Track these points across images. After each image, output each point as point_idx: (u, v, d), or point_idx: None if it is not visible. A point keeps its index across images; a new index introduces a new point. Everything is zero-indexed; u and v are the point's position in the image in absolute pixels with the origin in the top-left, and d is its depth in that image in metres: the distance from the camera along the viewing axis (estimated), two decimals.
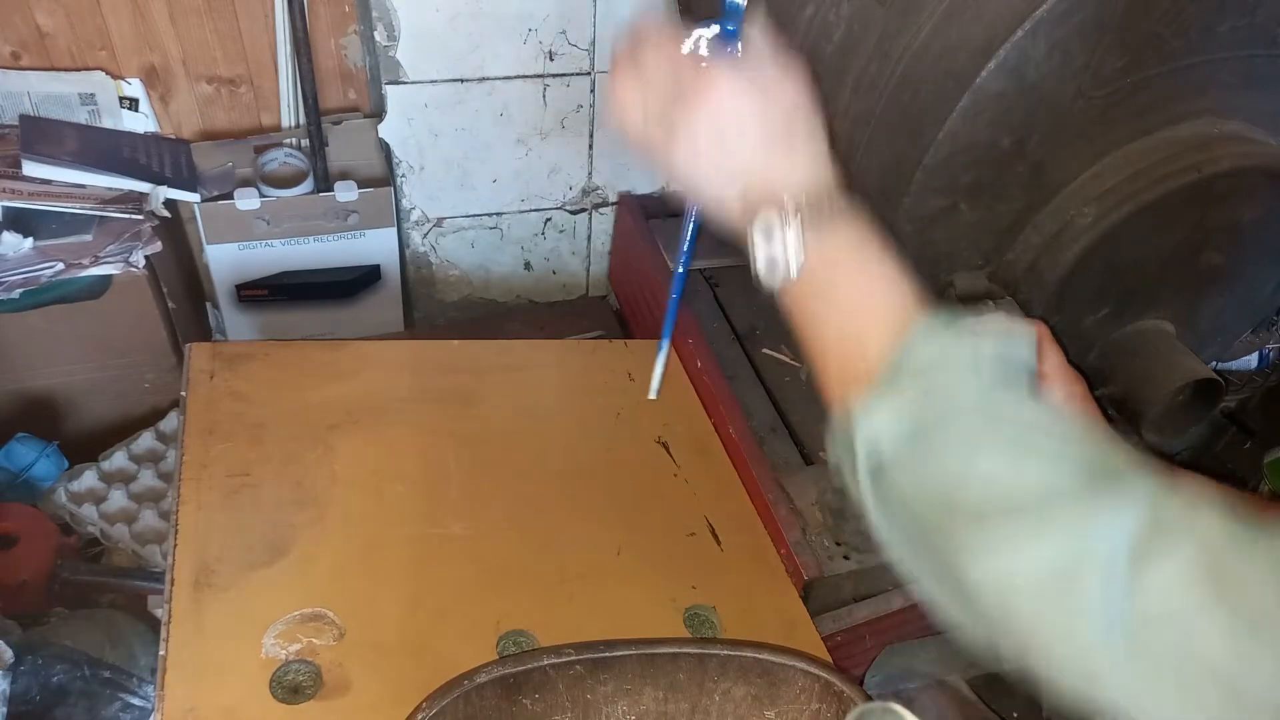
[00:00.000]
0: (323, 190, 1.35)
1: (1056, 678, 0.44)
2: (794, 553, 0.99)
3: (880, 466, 0.49)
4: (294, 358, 1.09)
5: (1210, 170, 0.81)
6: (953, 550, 0.46)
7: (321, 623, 0.84)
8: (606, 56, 1.35)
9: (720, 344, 1.24)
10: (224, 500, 0.92)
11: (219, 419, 0.99)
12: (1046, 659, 0.44)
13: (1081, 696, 0.43)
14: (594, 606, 0.92)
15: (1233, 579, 0.39)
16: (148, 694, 1.03)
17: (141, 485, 1.26)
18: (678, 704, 0.84)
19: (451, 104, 1.33)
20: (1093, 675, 0.42)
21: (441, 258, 1.51)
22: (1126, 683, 0.41)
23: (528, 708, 0.80)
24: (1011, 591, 0.44)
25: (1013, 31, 0.72)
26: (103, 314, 1.22)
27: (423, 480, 1.00)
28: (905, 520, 0.49)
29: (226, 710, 0.77)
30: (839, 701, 0.82)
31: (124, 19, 1.27)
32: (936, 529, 0.47)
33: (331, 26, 1.35)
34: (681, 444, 1.13)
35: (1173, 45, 0.77)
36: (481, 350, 1.19)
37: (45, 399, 1.28)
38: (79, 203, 1.22)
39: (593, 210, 1.54)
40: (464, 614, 0.88)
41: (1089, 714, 0.44)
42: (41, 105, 1.28)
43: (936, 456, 0.47)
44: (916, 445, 0.48)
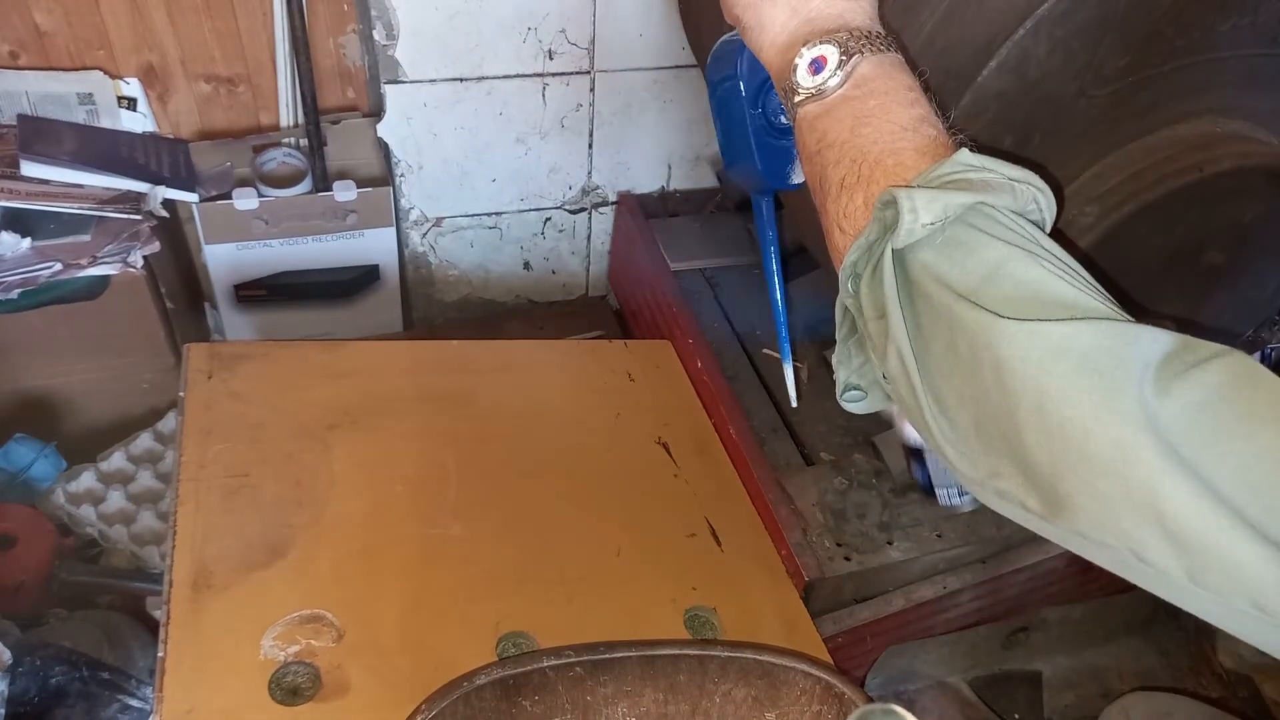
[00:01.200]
0: (321, 190, 1.35)
1: (1078, 461, 0.43)
2: (795, 554, 0.99)
3: (911, 246, 0.49)
4: (292, 358, 1.09)
5: (1212, 170, 0.81)
6: (979, 329, 0.45)
7: (320, 624, 0.84)
8: (606, 55, 1.35)
9: (720, 344, 1.24)
10: (222, 501, 0.92)
11: (217, 419, 0.99)
12: (1078, 437, 0.43)
13: (1107, 470, 0.42)
14: (594, 607, 0.92)
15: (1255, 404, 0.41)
16: (146, 695, 1.03)
17: (140, 486, 1.26)
18: (678, 705, 0.83)
19: (451, 103, 1.33)
20: (1127, 455, 0.41)
21: (440, 257, 1.51)
22: (1162, 466, 0.40)
23: (527, 709, 0.79)
24: (1051, 360, 0.43)
25: (1014, 30, 0.72)
26: (101, 314, 1.22)
27: (422, 481, 0.99)
28: (924, 309, 0.49)
29: (225, 712, 0.76)
30: (840, 703, 0.82)
31: (122, 18, 1.26)
32: (960, 314, 0.47)
33: (330, 25, 1.35)
34: (681, 444, 1.13)
35: (1175, 44, 0.77)
36: (480, 350, 1.19)
37: (43, 399, 1.28)
38: (77, 203, 1.22)
39: (592, 210, 1.53)
40: (463, 615, 0.88)
41: (1104, 502, 0.43)
42: (39, 105, 1.28)
43: (972, 247, 0.48)
44: (954, 231, 0.48)
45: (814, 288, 1.19)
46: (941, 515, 1.05)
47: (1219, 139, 0.83)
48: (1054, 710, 1.17)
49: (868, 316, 0.52)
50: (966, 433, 0.48)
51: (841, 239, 0.54)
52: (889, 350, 0.50)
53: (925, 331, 0.49)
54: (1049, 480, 0.44)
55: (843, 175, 0.54)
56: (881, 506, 1.04)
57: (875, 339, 0.52)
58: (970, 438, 0.48)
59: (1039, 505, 0.45)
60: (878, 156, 0.53)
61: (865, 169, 0.53)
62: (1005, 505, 0.48)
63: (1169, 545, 0.41)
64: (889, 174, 0.52)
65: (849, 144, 0.54)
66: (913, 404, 0.50)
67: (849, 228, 0.53)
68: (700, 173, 1.53)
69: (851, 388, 0.59)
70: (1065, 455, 0.43)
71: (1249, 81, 0.82)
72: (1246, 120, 0.85)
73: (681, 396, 1.21)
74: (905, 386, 0.50)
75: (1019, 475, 0.46)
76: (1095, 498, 0.43)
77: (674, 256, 1.36)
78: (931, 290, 0.49)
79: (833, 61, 0.56)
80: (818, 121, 0.57)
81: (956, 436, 0.49)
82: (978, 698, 1.13)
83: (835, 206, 0.54)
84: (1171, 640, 1.25)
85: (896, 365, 0.50)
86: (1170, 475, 0.40)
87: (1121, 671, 1.22)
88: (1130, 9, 0.73)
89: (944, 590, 1.03)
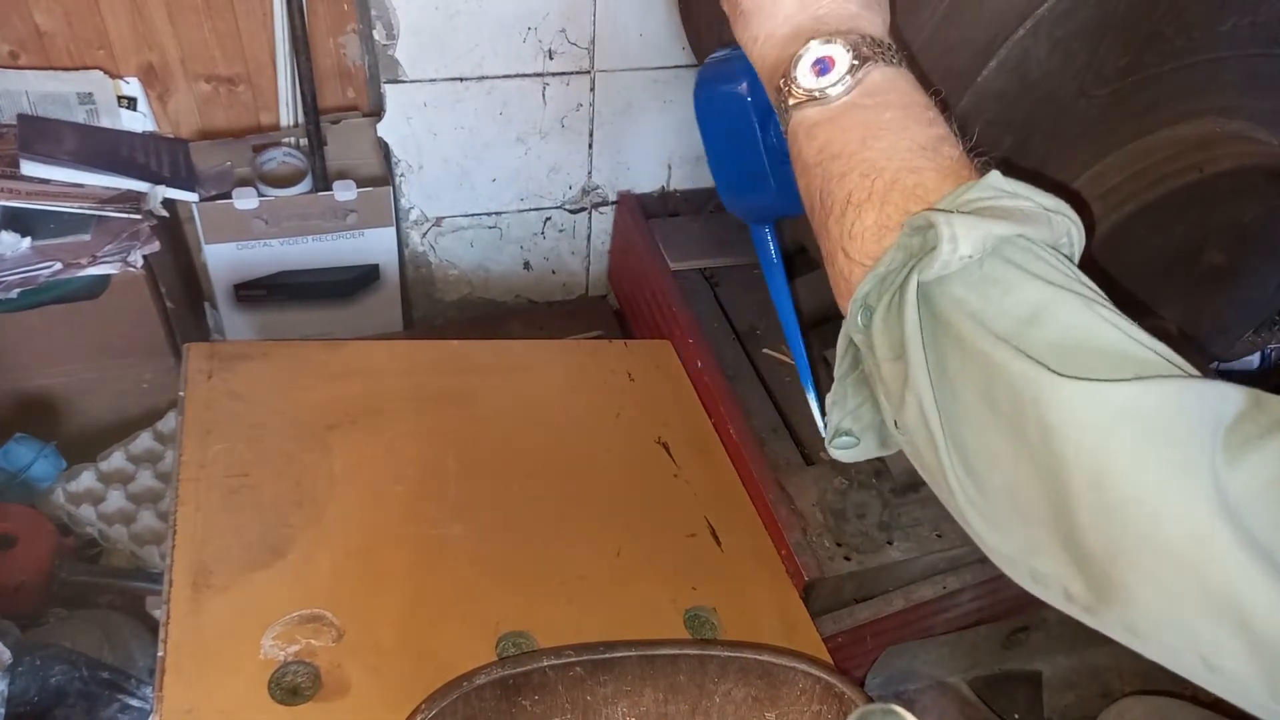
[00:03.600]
0: (321, 189, 1.35)
1: (1141, 547, 0.37)
2: (794, 553, 0.99)
3: (940, 279, 0.43)
4: (292, 358, 1.09)
5: (1212, 169, 0.81)
6: (1024, 382, 0.40)
7: (320, 624, 0.84)
8: (606, 55, 1.35)
9: (720, 344, 1.23)
10: (222, 501, 0.92)
11: (217, 419, 0.99)
12: (1143, 520, 0.37)
13: (1179, 561, 0.37)
14: (594, 607, 0.92)
15: None
16: (146, 695, 1.03)
17: (140, 486, 1.26)
18: (678, 705, 0.83)
19: (451, 103, 1.33)
20: (1203, 545, 0.36)
21: (440, 257, 1.51)
22: (1243, 560, 0.35)
23: (527, 709, 0.79)
24: (1113, 428, 0.38)
25: (1014, 30, 0.72)
26: (101, 314, 1.22)
27: (422, 481, 0.99)
28: (953, 352, 0.43)
29: (225, 712, 0.76)
30: (840, 703, 0.82)
31: (122, 18, 1.26)
32: (1002, 360, 0.41)
33: (330, 25, 1.35)
34: (681, 444, 1.13)
35: (1175, 44, 0.77)
36: (480, 350, 1.19)
37: (43, 399, 1.28)
38: (77, 202, 1.22)
39: (592, 209, 1.53)
40: (463, 615, 0.88)
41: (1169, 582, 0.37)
42: (39, 104, 1.28)
43: (1010, 284, 0.42)
44: (991, 267, 0.43)
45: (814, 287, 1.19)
46: (942, 515, 1.05)
47: (1219, 139, 0.83)
48: (1054, 710, 1.17)
49: (880, 357, 0.46)
50: (998, 500, 0.42)
51: (848, 265, 0.48)
52: (907, 398, 0.44)
53: (953, 378, 0.43)
54: (1101, 565, 0.39)
55: (850, 190, 0.48)
56: (881, 506, 1.04)
57: (889, 383, 0.46)
58: (1003, 506, 0.42)
59: (1085, 592, 0.40)
60: (894, 174, 0.47)
61: (880, 186, 0.47)
62: (1042, 589, 0.43)
63: (1250, 652, 0.35)
64: (907, 195, 0.46)
65: (858, 156, 0.48)
66: (932, 461, 0.44)
67: (856, 252, 0.47)
68: (700, 173, 1.53)
69: (843, 433, 0.54)
70: (1124, 539, 0.38)
71: (1249, 81, 0.82)
72: (1247, 120, 0.85)
73: (681, 396, 1.21)
74: (925, 440, 0.44)
75: (1062, 554, 0.40)
76: (1160, 591, 0.37)
77: (674, 256, 1.36)
78: (965, 330, 0.42)
79: (842, 65, 0.50)
80: (818, 129, 0.51)
81: (985, 503, 0.43)
82: (978, 698, 1.13)
83: (840, 226, 0.48)
84: None
85: (915, 416, 0.44)
86: (1255, 571, 0.35)
87: (1121, 671, 1.22)
88: (1130, 9, 0.73)
89: (944, 590, 1.03)
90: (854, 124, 0.50)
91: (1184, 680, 0.40)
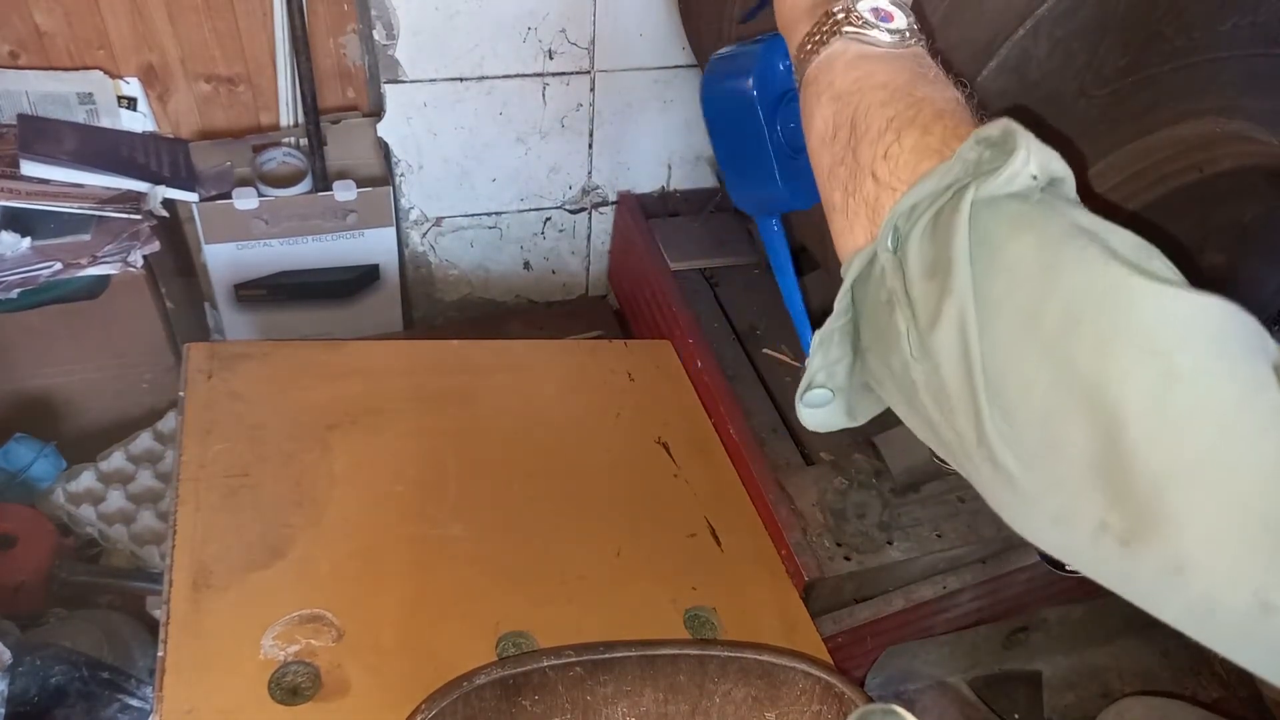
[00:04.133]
0: (321, 190, 1.35)
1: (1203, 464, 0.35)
2: (794, 553, 0.99)
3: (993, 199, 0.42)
4: (292, 358, 1.09)
5: (1212, 170, 0.81)
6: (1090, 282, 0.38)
7: (320, 624, 0.84)
8: (606, 55, 1.35)
9: (720, 344, 1.23)
10: (222, 501, 0.92)
11: (217, 419, 0.99)
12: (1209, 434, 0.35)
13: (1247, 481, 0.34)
14: (594, 607, 0.92)
15: None
16: (146, 695, 1.03)
17: (140, 486, 1.26)
18: (678, 705, 0.83)
19: (451, 103, 1.33)
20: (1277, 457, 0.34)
21: (440, 257, 1.51)
22: None
23: (527, 709, 0.79)
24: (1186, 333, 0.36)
25: (1014, 30, 0.72)
26: (101, 314, 1.22)
27: (422, 481, 0.99)
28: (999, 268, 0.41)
29: (225, 712, 0.76)
30: (840, 703, 0.82)
31: (122, 18, 1.26)
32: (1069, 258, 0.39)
33: (330, 25, 1.35)
34: (681, 444, 1.13)
35: (1175, 44, 0.77)
36: (480, 350, 1.19)
37: (43, 399, 1.28)
38: (77, 202, 1.22)
39: (592, 209, 1.53)
40: (463, 615, 0.88)
41: None
42: (39, 104, 1.28)
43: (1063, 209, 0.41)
44: (1049, 196, 0.42)
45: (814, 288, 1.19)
46: (942, 515, 1.05)
47: (1219, 139, 0.83)
48: (1054, 710, 1.17)
49: (912, 276, 0.43)
50: (1027, 429, 0.39)
51: (875, 189, 0.46)
52: (945, 311, 0.41)
53: (996, 301, 0.40)
54: (1147, 490, 0.35)
55: (892, 116, 0.47)
56: (881, 506, 1.04)
57: (920, 302, 0.43)
58: (1032, 436, 0.39)
59: (1122, 523, 0.36)
60: (941, 107, 0.47)
61: (926, 115, 0.46)
62: (1064, 529, 0.39)
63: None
64: (952, 129, 0.45)
65: (905, 90, 0.48)
66: (961, 386, 0.41)
67: (888, 175, 0.46)
68: (700, 173, 1.53)
69: (818, 386, 0.52)
70: (1182, 457, 0.35)
71: (1249, 81, 0.82)
72: (1246, 120, 0.84)
73: (681, 396, 1.21)
74: (955, 361, 0.41)
75: (1097, 482, 0.37)
76: (1219, 516, 0.34)
77: (674, 256, 1.36)
78: (1025, 243, 0.40)
79: (900, 23, 0.52)
80: (863, 61, 0.51)
81: (1012, 433, 0.40)
82: (978, 698, 1.13)
83: (874, 149, 0.47)
84: (1171, 640, 1.25)
85: (951, 332, 0.41)
86: None
87: (1121, 671, 1.22)
88: (1130, 9, 0.73)
89: (944, 590, 1.03)
90: (903, 66, 0.50)
91: (1184, 680, 0.39)
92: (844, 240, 0.50)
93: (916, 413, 0.46)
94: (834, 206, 0.50)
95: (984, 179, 0.41)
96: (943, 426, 0.43)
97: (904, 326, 0.44)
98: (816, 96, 0.53)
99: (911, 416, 0.47)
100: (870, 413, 0.54)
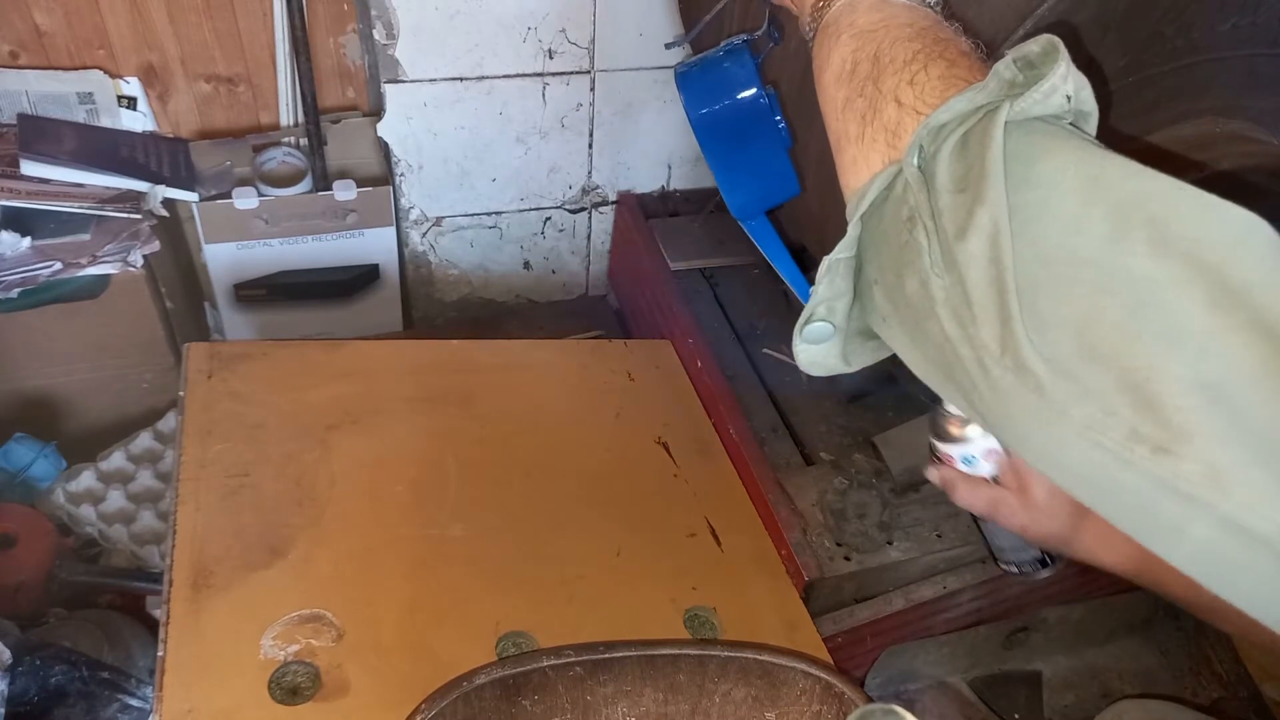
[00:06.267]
0: (321, 189, 1.35)
1: None
2: (795, 553, 0.99)
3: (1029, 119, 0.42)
4: (292, 358, 1.09)
5: (1212, 169, 0.81)
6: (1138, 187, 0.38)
7: (320, 624, 0.84)
8: (606, 55, 1.35)
9: (720, 344, 1.23)
10: (222, 501, 0.92)
11: (217, 419, 0.99)
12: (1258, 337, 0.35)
13: None
14: (594, 607, 0.92)
15: None
16: (146, 695, 1.03)
17: (140, 486, 1.26)
18: (678, 705, 0.83)
19: (451, 103, 1.33)
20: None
21: (440, 257, 1.51)
22: None
23: (527, 709, 0.79)
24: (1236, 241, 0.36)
25: (1014, 30, 0.72)
26: (101, 314, 1.22)
27: (422, 481, 0.99)
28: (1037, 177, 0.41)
29: (225, 711, 0.76)
30: (840, 703, 0.82)
31: (122, 18, 1.26)
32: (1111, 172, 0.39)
33: (330, 25, 1.35)
34: (681, 444, 1.13)
35: (1175, 44, 0.77)
36: (480, 350, 1.19)
37: (43, 399, 1.28)
38: (77, 202, 1.22)
39: (592, 209, 1.53)
40: (463, 615, 0.88)
41: None
42: (39, 104, 1.28)
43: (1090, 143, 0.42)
44: (1078, 126, 0.43)
45: None
46: (942, 515, 1.05)
47: (1219, 139, 0.83)
48: (1054, 710, 1.17)
49: (940, 188, 0.43)
50: (1060, 336, 0.38)
51: (898, 113, 0.47)
52: (976, 219, 0.40)
53: (1030, 210, 0.40)
54: (1191, 399, 0.35)
55: (918, 50, 0.49)
56: (881, 506, 1.04)
57: (948, 214, 0.42)
58: (1065, 343, 0.38)
59: (1157, 430, 0.35)
60: (964, 50, 0.49)
61: (951, 53, 0.48)
62: (1095, 434, 0.37)
63: None
64: (977, 64, 0.47)
65: (931, 31, 0.50)
66: (989, 294, 0.40)
67: (912, 99, 0.46)
68: (700, 173, 1.53)
69: (819, 319, 0.51)
70: (1227, 370, 0.35)
71: (1249, 81, 0.82)
72: (1246, 120, 0.84)
73: (681, 396, 1.21)
74: (983, 270, 0.40)
75: (1129, 386, 0.36)
76: (1262, 432, 0.34)
77: (674, 256, 1.36)
78: (1069, 150, 0.40)
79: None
80: (886, 4, 0.53)
81: (1044, 339, 0.38)
82: (978, 698, 1.13)
83: (898, 77, 0.48)
84: (1171, 640, 1.25)
85: (981, 243, 0.40)
86: None
87: (1121, 671, 1.22)
88: (1130, 9, 0.73)
89: (944, 590, 1.03)
90: (926, 14, 0.53)
91: (1184, 680, 0.38)
92: (858, 169, 0.50)
93: (922, 341, 0.45)
94: (848, 138, 0.50)
95: (1018, 98, 0.41)
96: (959, 342, 0.42)
97: (925, 241, 0.43)
98: (836, 36, 0.54)
99: (915, 349, 0.46)
100: (864, 361, 0.53)
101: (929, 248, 0.43)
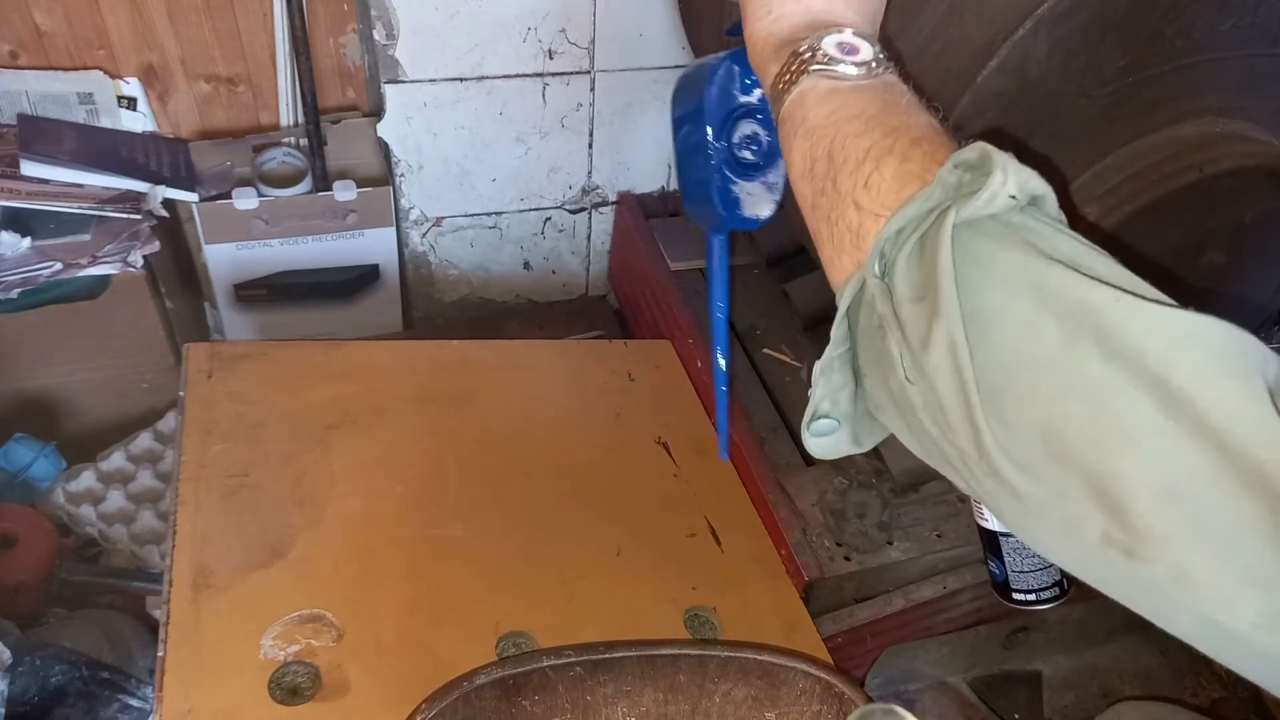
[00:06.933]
0: (321, 190, 1.35)
1: None
2: (794, 553, 0.99)
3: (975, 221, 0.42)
4: (292, 358, 1.09)
5: (1212, 170, 0.81)
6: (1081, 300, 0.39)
7: (320, 624, 0.84)
8: (606, 55, 1.35)
9: None
10: (222, 501, 0.92)
11: (217, 419, 0.99)
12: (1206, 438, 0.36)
13: (1245, 491, 0.35)
14: (594, 607, 0.92)
15: None
16: (146, 695, 1.03)
17: (140, 486, 1.26)
18: (678, 705, 0.83)
19: (451, 103, 1.33)
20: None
21: (440, 257, 1.51)
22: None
23: (527, 709, 0.79)
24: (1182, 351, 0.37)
25: (1014, 30, 0.72)
26: (101, 314, 1.22)
27: (422, 481, 0.99)
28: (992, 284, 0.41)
29: (225, 712, 0.76)
30: (840, 703, 0.82)
31: (122, 18, 1.26)
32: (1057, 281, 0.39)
33: (330, 25, 1.35)
34: (681, 444, 1.13)
35: (1175, 44, 0.77)
36: (480, 350, 1.19)
37: (43, 399, 1.28)
38: (77, 202, 1.22)
39: (592, 209, 1.53)
40: (463, 615, 0.88)
41: None
42: (39, 104, 1.28)
43: (1043, 234, 0.42)
44: (1029, 216, 0.43)
45: (814, 288, 1.19)
46: (942, 515, 1.05)
47: (1219, 139, 0.83)
48: (1054, 710, 1.17)
49: (900, 299, 0.44)
50: (1029, 441, 0.39)
51: (858, 217, 0.47)
52: (935, 334, 0.41)
53: (986, 317, 0.41)
54: (1148, 503, 0.37)
55: (869, 146, 0.48)
56: (881, 506, 1.04)
57: (909, 324, 0.43)
58: (1034, 448, 0.39)
59: (1124, 535, 0.37)
60: (919, 134, 0.47)
61: (903, 144, 0.47)
62: (1072, 534, 0.39)
63: None
64: (931, 154, 0.46)
65: (879, 119, 0.49)
66: (957, 404, 0.41)
67: (870, 203, 0.46)
68: None
69: (822, 415, 0.51)
70: (1178, 474, 0.36)
71: (1249, 81, 0.82)
72: (1246, 120, 0.85)
73: (681, 396, 1.21)
74: (948, 380, 0.41)
75: (1096, 491, 0.38)
76: (1220, 532, 0.36)
77: (674, 256, 1.36)
78: (1014, 258, 0.41)
79: (866, 54, 0.53)
80: (834, 96, 0.51)
81: (1014, 446, 0.40)
82: (978, 698, 1.13)
83: (853, 179, 0.47)
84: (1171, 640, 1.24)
85: (943, 352, 0.41)
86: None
87: (1121, 671, 1.22)
88: (1130, 9, 0.73)
89: (944, 590, 1.03)
90: (874, 97, 0.51)
91: (1184, 680, 0.39)
92: (833, 269, 0.50)
93: (916, 433, 0.46)
94: (820, 237, 0.51)
95: (964, 201, 0.42)
96: (943, 443, 0.43)
97: (897, 350, 0.44)
98: (792, 133, 0.53)
99: (912, 438, 0.47)
100: (875, 439, 0.53)
101: (900, 357, 0.44)
